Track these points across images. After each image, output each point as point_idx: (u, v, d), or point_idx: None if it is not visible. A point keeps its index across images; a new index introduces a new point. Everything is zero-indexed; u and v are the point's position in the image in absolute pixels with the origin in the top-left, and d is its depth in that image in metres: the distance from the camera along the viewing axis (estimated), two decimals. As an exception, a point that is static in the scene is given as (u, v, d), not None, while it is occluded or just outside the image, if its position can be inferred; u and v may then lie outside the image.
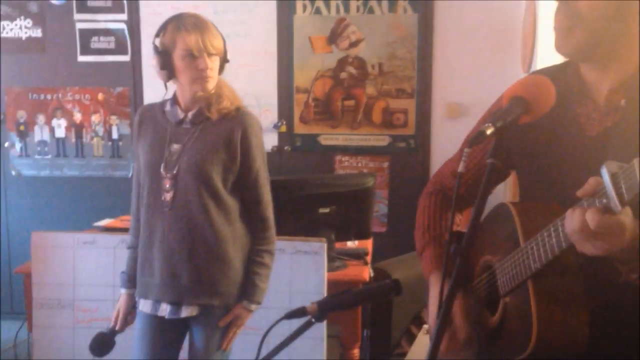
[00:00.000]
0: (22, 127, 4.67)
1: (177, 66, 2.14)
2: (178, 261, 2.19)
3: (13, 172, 4.70)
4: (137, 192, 2.28)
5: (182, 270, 2.19)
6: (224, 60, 2.22)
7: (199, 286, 2.19)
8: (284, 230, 2.74)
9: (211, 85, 2.17)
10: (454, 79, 4.30)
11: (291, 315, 1.57)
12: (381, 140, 4.43)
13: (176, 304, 2.20)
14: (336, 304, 1.63)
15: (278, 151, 4.45)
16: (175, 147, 2.19)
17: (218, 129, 2.18)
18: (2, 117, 4.64)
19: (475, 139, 1.22)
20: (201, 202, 2.16)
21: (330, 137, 4.48)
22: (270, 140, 4.41)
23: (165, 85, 2.22)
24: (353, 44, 4.36)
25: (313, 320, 1.58)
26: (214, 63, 2.15)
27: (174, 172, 2.17)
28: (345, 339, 2.98)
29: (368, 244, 3.31)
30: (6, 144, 4.66)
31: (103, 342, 2.31)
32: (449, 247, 1.24)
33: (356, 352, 2.98)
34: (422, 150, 4.40)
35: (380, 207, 4.47)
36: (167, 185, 2.17)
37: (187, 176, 2.16)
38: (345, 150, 4.48)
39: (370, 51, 4.35)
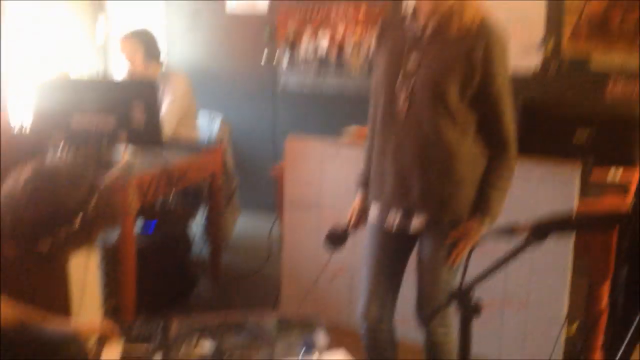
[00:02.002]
0: (290, 40, 4.94)
1: None
2: (409, 174, 2.17)
3: (280, 85, 5.06)
4: (375, 102, 2.28)
5: (413, 184, 2.16)
6: None
7: (429, 200, 2.16)
8: (531, 152, 2.56)
9: None
10: None
11: (499, 233, 1.46)
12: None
13: (405, 216, 2.20)
14: (553, 225, 1.47)
15: (541, 72, 4.12)
16: (413, 60, 2.13)
17: (458, 43, 2.07)
18: (272, 32, 4.96)
19: None
20: (435, 117, 2.10)
21: (604, 59, 4.02)
22: (531, 60, 4.09)
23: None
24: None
25: (530, 240, 1.45)
26: None
27: (410, 85, 2.12)
28: (594, 274, 2.73)
29: (632, 175, 2.95)
30: (275, 58, 4.99)
31: (336, 236, 2.43)
32: None
33: (605, 288, 2.72)
34: None
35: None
36: (402, 98, 2.14)
37: (422, 90, 2.10)
38: (621, 74, 3.98)
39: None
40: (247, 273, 4.10)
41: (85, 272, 2.90)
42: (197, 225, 4.28)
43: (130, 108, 2.96)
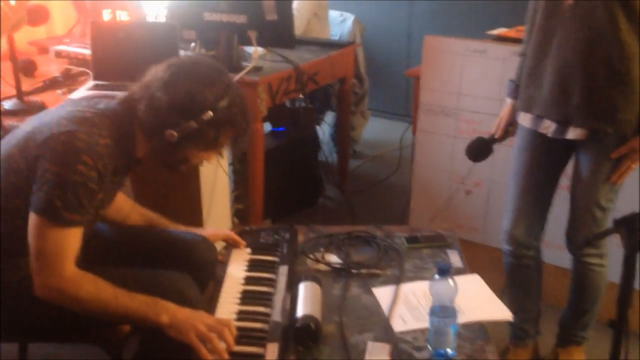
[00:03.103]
0: None
1: None
2: (572, 76, 1.89)
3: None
4: None
5: (575, 87, 1.89)
6: None
7: (592, 107, 1.89)
8: None
9: None
10: None
11: None
12: None
13: (563, 123, 1.94)
14: None
15: None
16: None
17: None
18: None
19: None
20: (608, 10, 1.81)
21: None
22: None
23: None
24: None
25: None
26: None
27: None
28: None
29: None
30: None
31: (480, 147, 2.24)
32: None
33: None
34: None
35: None
36: (570, -14, 1.84)
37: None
38: None
39: None
40: (375, 181, 3.98)
41: (214, 175, 2.89)
42: (325, 129, 4.18)
43: (261, 6, 2.82)
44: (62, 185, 1.48)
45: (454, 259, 1.94)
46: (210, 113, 1.59)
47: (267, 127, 3.80)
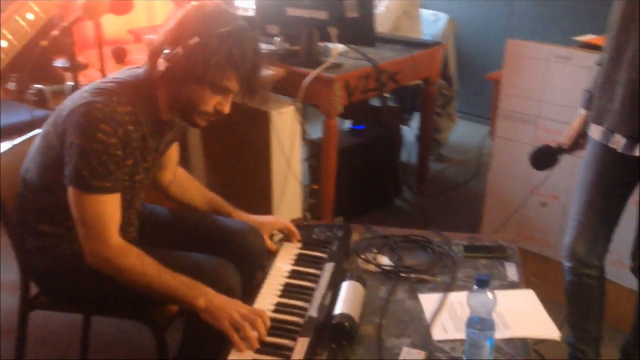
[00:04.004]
0: None
1: None
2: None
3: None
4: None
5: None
6: None
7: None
8: None
9: None
10: None
11: None
12: None
13: (633, 139, 1.83)
14: None
15: None
16: None
17: None
18: None
19: None
20: None
21: None
22: None
23: None
24: None
25: None
26: None
27: None
28: None
29: None
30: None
31: (545, 155, 2.17)
32: None
33: None
34: None
35: None
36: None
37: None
38: None
39: None
40: (454, 186, 3.89)
41: (287, 167, 2.93)
42: (409, 129, 4.13)
43: (342, 4, 2.82)
44: (86, 155, 1.55)
45: (511, 272, 1.87)
46: (197, 39, 1.56)
47: (347, 124, 3.81)
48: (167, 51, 1.60)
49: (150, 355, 1.81)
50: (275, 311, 1.61)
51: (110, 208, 1.60)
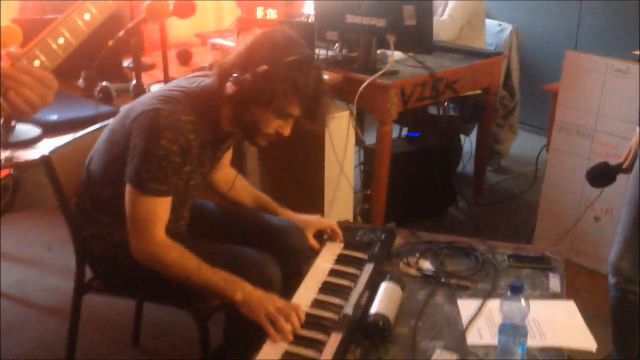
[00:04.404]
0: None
1: None
2: None
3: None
4: None
5: None
6: None
7: None
8: None
9: None
10: None
11: None
12: None
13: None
14: None
15: None
16: None
17: None
18: None
19: None
20: None
21: None
22: None
23: None
24: None
25: None
26: None
27: None
28: None
29: None
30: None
31: (602, 173, 2.13)
32: None
33: None
34: None
35: None
36: None
37: None
38: None
39: None
40: (509, 197, 3.84)
41: (340, 171, 2.98)
42: (467, 139, 4.10)
43: (401, 11, 2.85)
44: (147, 158, 1.65)
45: (554, 283, 1.85)
46: (265, 67, 1.64)
47: (403, 130, 3.82)
48: (235, 74, 1.69)
49: (196, 345, 1.88)
50: (312, 306, 1.66)
51: (160, 210, 1.70)
